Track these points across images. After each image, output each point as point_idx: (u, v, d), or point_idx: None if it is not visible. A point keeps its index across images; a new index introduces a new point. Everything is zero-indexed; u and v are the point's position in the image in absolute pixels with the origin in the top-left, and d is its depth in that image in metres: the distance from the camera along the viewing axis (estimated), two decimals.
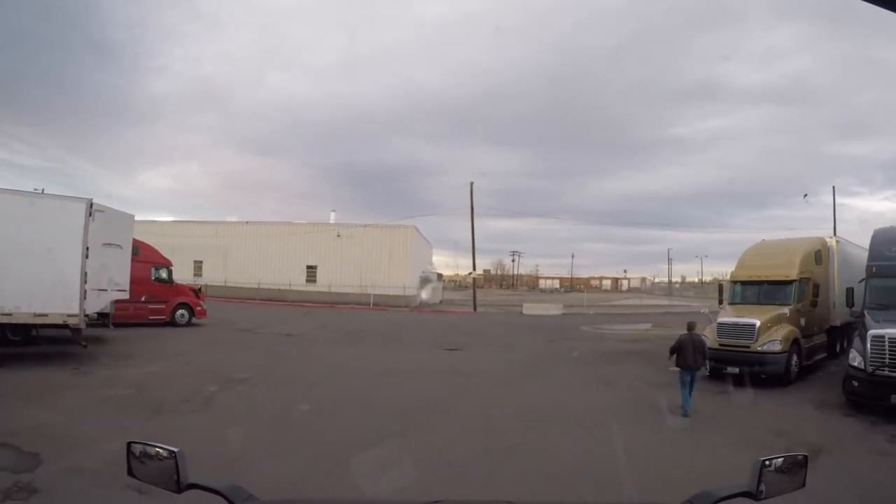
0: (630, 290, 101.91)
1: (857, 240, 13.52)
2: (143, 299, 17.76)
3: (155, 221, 43.14)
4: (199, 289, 19.40)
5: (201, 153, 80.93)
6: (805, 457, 1.47)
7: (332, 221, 38.26)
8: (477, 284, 35.54)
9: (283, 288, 32.74)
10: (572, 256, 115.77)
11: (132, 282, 17.93)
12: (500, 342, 16.16)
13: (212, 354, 12.13)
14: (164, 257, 18.80)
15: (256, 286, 33.34)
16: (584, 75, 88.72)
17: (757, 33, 77.41)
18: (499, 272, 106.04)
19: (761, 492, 1.36)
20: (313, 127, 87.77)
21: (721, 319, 11.13)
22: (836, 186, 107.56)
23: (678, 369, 7.84)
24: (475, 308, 30.04)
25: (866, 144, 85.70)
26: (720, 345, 10.70)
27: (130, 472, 1.41)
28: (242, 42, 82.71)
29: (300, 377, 9.65)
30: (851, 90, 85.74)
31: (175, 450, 1.35)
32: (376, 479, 4.42)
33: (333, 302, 31.72)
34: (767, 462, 1.38)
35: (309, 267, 35.52)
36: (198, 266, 39.09)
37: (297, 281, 34.96)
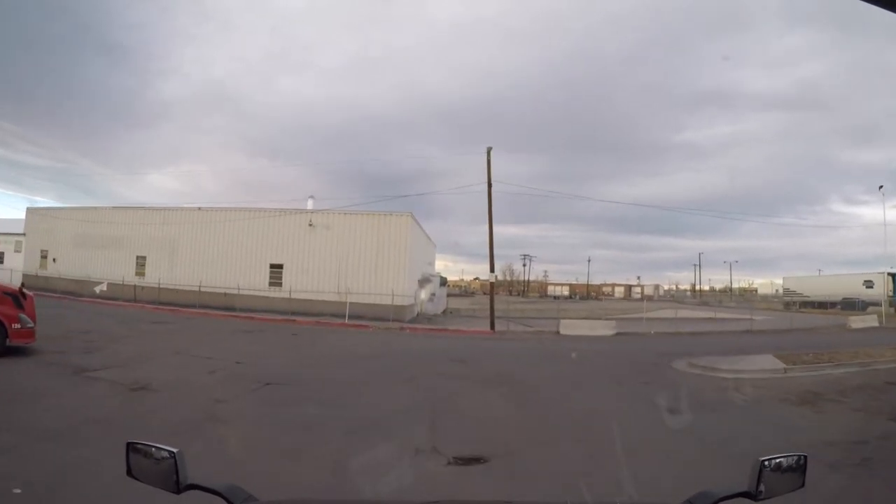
0: (644, 297, 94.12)
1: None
2: None
3: (95, 208, 35.63)
4: (20, 291, 11.11)
5: (210, 155, 75.87)
6: (804, 457, 1.44)
7: (309, 208, 29.70)
8: (484, 291, 27.50)
9: (230, 293, 24.44)
10: (588, 261, 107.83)
11: None
12: (562, 418, 7.68)
13: None
14: None
15: (197, 290, 25.06)
16: (595, 80, 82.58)
17: (768, 39, 71.46)
18: (508, 278, 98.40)
19: (761, 492, 1.33)
20: (323, 130, 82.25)
21: None
22: (844, 195, 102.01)
23: None
24: (493, 326, 21.51)
25: (876, 152, 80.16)
26: None
27: (130, 473, 1.39)
28: (252, 44, 77.33)
29: None
30: (863, 97, 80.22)
31: (175, 450, 1.33)
32: None
33: (302, 312, 23.42)
34: (767, 462, 1.36)
35: (273, 266, 27.21)
36: (141, 262, 31.21)
37: (260, 284, 26.71)
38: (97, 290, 28.97)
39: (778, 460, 1.38)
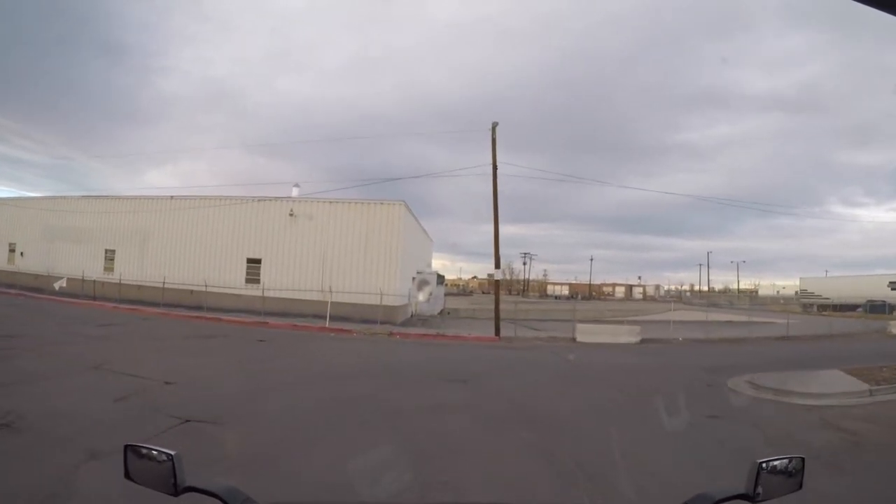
0: (646, 298, 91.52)
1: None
2: None
3: (65, 197, 32.82)
4: None
5: (208, 153, 73.94)
6: (802, 459, 1.41)
7: (293, 196, 26.63)
8: (483, 290, 24.83)
9: (197, 290, 21.60)
10: (591, 260, 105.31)
11: None
12: (623, 497, 4.90)
13: None
14: None
15: (161, 286, 22.20)
16: (594, 81, 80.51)
17: (767, 41, 69.27)
18: (507, 277, 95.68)
19: (758, 494, 1.30)
20: (321, 129, 79.87)
21: None
22: (842, 197, 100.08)
23: None
24: (498, 331, 18.66)
25: (875, 154, 78.28)
26: None
27: (127, 475, 1.36)
28: (251, 45, 75.07)
29: None
30: (861, 99, 78.21)
31: (172, 452, 1.30)
32: None
33: (280, 313, 20.64)
34: (765, 464, 1.33)
35: (250, 261, 24.36)
36: (109, 257, 28.39)
37: (237, 280, 23.91)
38: (56, 286, 26.13)
39: (775, 462, 1.35)
